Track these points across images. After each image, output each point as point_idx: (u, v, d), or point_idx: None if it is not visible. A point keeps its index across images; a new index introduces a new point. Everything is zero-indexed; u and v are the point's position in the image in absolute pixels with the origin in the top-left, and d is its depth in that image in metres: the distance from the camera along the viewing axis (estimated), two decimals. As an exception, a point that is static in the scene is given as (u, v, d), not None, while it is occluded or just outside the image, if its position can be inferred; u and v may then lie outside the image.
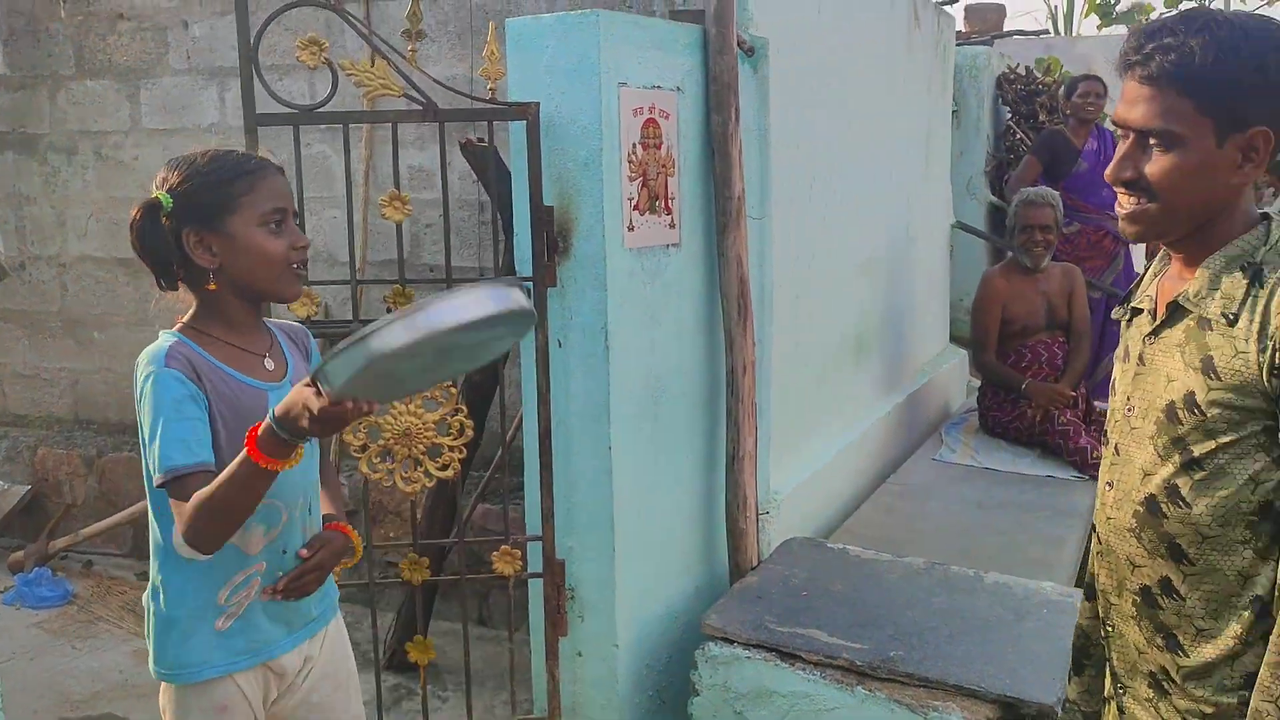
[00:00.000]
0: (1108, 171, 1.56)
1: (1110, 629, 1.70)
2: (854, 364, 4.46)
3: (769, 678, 2.73)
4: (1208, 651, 1.52)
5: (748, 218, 3.18)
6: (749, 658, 2.76)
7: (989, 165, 7.46)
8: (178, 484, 1.69)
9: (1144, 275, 1.72)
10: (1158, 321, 1.58)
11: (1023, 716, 2.61)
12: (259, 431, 1.59)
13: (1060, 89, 7.62)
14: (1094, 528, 1.73)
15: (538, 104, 2.71)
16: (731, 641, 2.81)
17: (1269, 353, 1.41)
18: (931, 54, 5.59)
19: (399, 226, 2.79)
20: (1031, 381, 4.77)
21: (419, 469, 2.82)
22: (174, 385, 1.71)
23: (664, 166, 2.94)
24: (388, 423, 2.79)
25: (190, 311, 1.86)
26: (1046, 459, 4.68)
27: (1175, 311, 1.54)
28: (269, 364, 1.88)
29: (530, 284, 2.78)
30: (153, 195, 1.79)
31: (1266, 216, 1.53)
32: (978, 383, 5.82)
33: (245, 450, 1.60)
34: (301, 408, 1.53)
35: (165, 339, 1.80)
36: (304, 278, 1.87)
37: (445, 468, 2.85)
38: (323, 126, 4.03)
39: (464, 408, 2.87)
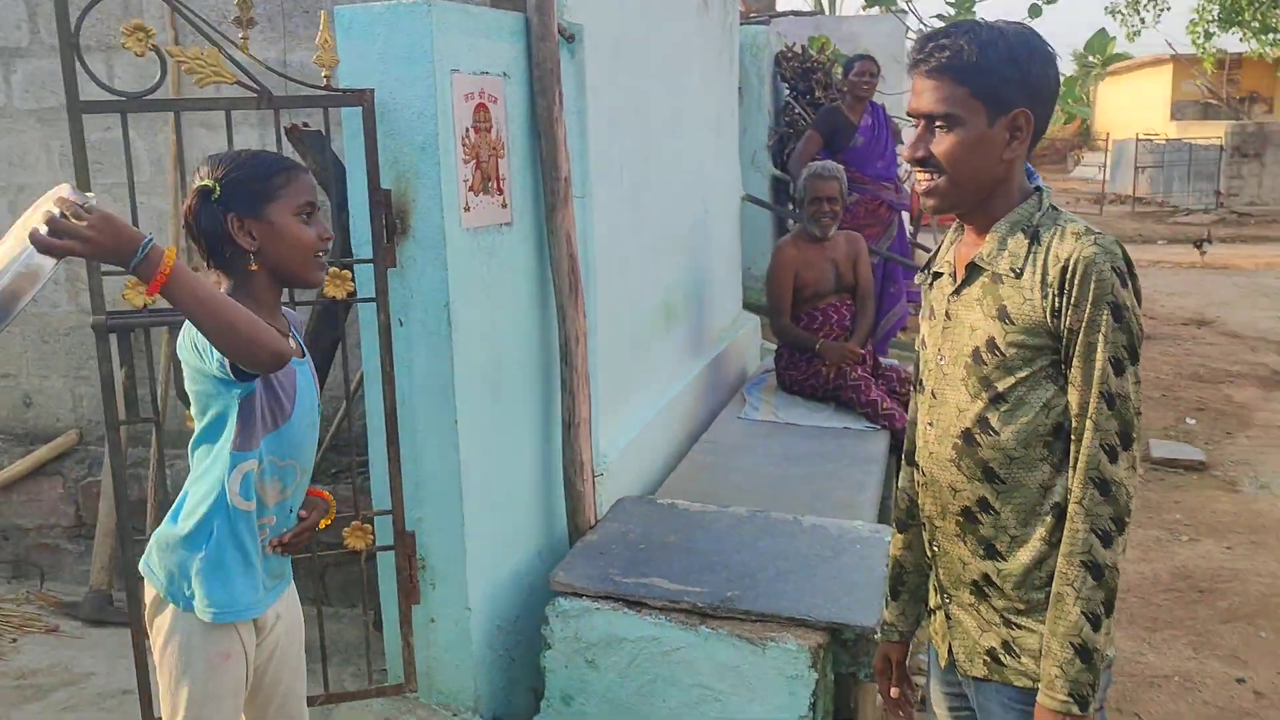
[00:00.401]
0: (905, 153, 1.85)
1: (936, 550, 1.97)
2: (664, 332, 4.71)
3: (618, 625, 2.93)
4: (1022, 556, 1.81)
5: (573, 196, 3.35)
6: (598, 609, 2.95)
7: (771, 139, 7.88)
8: None
9: (941, 245, 2.01)
10: (959, 282, 1.87)
11: (846, 639, 2.91)
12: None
13: (834, 67, 8.12)
14: (916, 464, 2.01)
15: (373, 90, 2.78)
16: (580, 595, 2.99)
17: (1049, 298, 1.72)
18: (720, 35, 5.88)
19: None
20: (824, 342, 5.13)
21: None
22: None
23: (495, 149, 3.06)
24: (233, 407, 2.82)
25: (225, 289, 2.00)
26: (841, 412, 5.06)
27: (973, 271, 1.84)
28: (291, 342, 2.04)
29: (371, 265, 2.87)
30: (200, 184, 1.95)
31: (1039, 189, 1.84)
32: (771, 345, 6.20)
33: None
34: None
35: None
36: (325, 266, 2.08)
37: (293, 449, 2.89)
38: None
39: (309, 389, 2.92)
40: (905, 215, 7.35)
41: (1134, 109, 34.38)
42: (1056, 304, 1.71)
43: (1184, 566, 5.07)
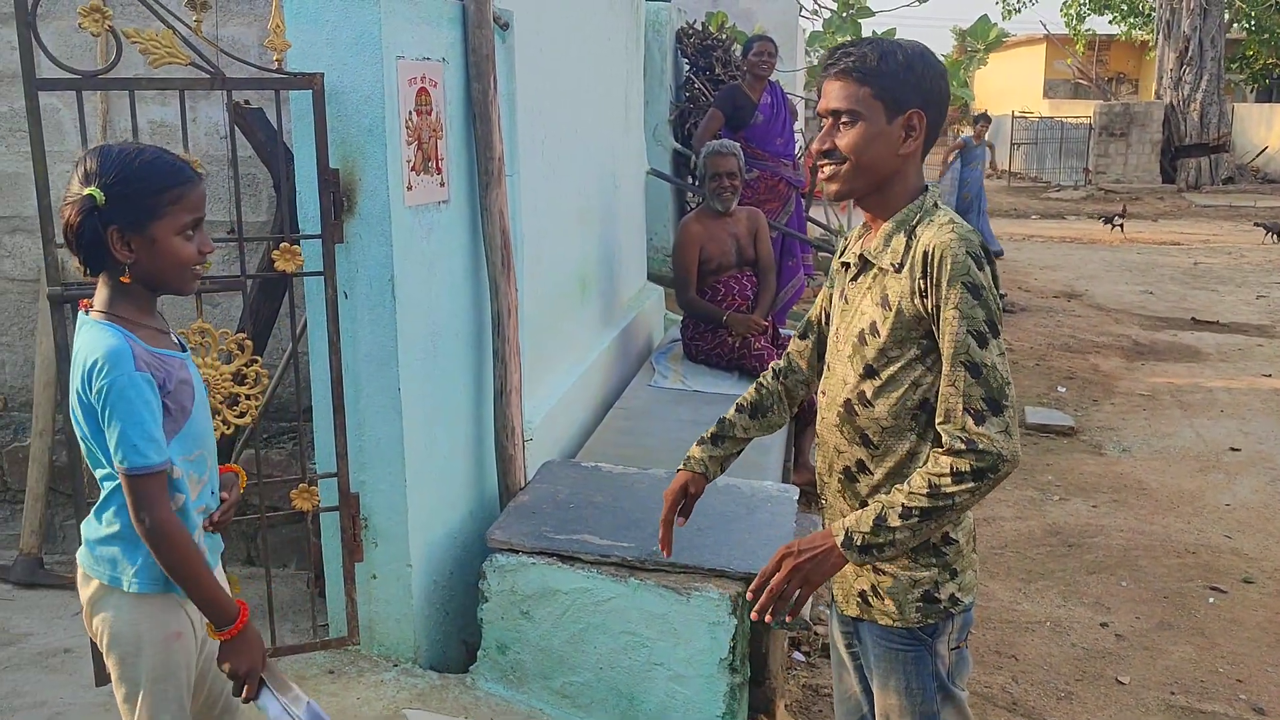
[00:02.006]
0: (813, 145, 2.11)
1: (824, 501, 2.25)
2: (580, 303, 4.92)
3: (552, 579, 3.15)
4: None
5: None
6: (533, 563, 3.17)
7: (672, 114, 8.11)
8: (146, 478, 1.91)
9: (851, 238, 2.25)
10: (856, 270, 2.14)
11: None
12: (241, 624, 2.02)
13: (733, 44, 8.38)
14: (812, 413, 2.29)
15: (323, 75, 2.92)
16: (516, 551, 3.20)
17: (915, 281, 1.96)
18: (628, 13, 6.07)
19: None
20: (732, 313, 5.41)
21: (217, 418, 2.99)
22: (146, 389, 1.90)
23: (434, 131, 3.22)
24: (184, 376, 2.94)
25: (103, 295, 1.99)
26: (745, 380, 5.35)
27: (865, 263, 2.11)
28: (173, 336, 2.11)
29: (318, 241, 3.01)
30: (85, 191, 1.88)
31: (926, 188, 2.08)
32: (674, 315, 6.46)
33: (232, 619, 2.00)
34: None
35: (109, 335, 1.92)
36: (201, 276, 2.06)
37: (243, 415, 3.03)
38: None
39: (259, 358, 3.05)
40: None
41: (1010, 85, 35.61)
42: (921, 286, 1.94)
43: (1055, 523, 5.51)
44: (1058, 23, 30.97)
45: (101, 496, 2.06)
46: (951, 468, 1.88)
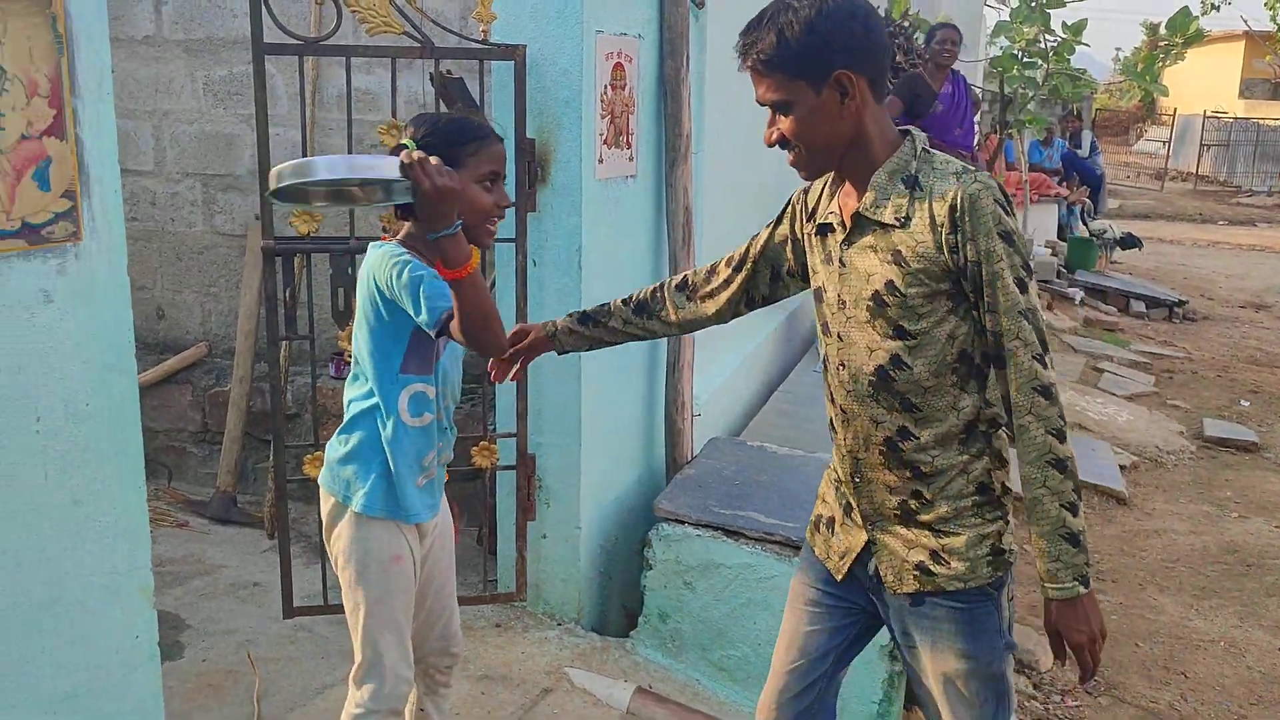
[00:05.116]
0: (765, 139, 1.96)
1: (859, 480, 2.05)
2: (751, 284, 4.93)
3: (716, 552, 3.19)
4: (947, 470, 1.96)
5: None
6: (698, 536, 3.22)
7: (850, 100, 8.01)
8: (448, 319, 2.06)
9: (821, 198, 2.08)
10: (849, 231, 1.95)
11: (925, 580, 3.16)
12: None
13: (916, 32, 8.23)
14: (833, 401, 2.09)
15: (525, 46, 3.01)
16: (682, 522, 3.26)
17: (940, 234, 1.83)
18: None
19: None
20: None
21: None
22: (421, 265, 2.07)
23: (627, 106, 3.29)
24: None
25: (404, 230, 2.20)
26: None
27: (860, 221, 1.92)
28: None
29: (511, 209, 3.11)
30: (401, 141, 2.11)
31: (906, 132, 1.93)
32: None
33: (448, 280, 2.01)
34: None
35: (402, 249, 2.12)
36: (495, 232, 2.23)
37: (431, 372, 3.17)
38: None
39: (448, 318, 3.18)
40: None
41: (1201, 84, 33.83)
42: (951, 240, 1.83)
43: (1233, 541, 5.27)
44: (1260, 19, 29.21)
45: (347, 418, 2.23)
46: (1050, 431, 1.85)
